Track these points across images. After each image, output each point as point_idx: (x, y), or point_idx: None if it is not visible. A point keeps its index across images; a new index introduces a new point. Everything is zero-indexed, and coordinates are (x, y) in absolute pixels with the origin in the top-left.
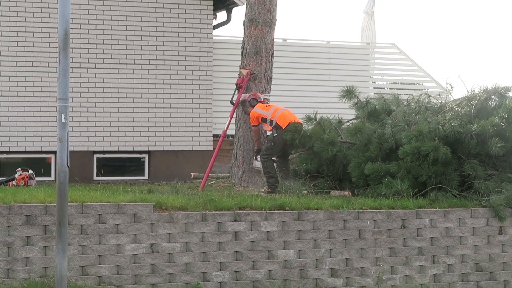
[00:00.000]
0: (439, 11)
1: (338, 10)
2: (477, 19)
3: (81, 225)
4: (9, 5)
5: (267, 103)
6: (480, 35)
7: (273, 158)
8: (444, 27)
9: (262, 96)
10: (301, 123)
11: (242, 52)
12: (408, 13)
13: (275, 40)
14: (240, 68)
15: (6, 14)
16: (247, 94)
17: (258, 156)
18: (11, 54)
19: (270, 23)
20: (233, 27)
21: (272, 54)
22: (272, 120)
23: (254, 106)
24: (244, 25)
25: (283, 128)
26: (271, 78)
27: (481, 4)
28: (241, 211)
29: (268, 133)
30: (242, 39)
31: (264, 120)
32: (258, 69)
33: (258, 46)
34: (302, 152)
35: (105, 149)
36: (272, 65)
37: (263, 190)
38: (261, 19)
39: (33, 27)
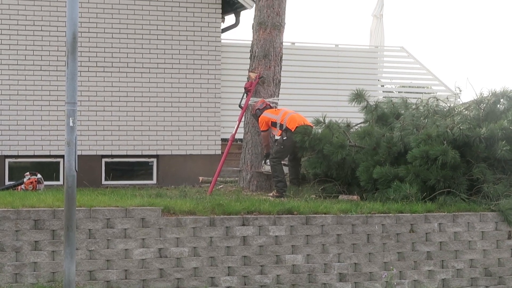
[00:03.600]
0: (448, 14)
1: (346, 13)
2: (486, 22)
3: (89, 229)
4: (18, 8)
5: (276, 107)
6: (488, 38)
7: (283, 162)
8: (452, 30)
9: (271, 100)
10: (311, 126)
11: (250, 55)
12: (417, 16)
13: (283, 43)
14: (248, 72)
15: (15, 18)
16: (256, 100)
17: (268, 160)
18: (19, 57)
19: (279, 27)
20: (241, 31)
21: (281, 57)
22: (282, 124)
23: (263, 111)
24: (253, 28)
25: (293, 130)
26: (279, 81)
27: (489, 6)
28: (249, 216)
29: (278, 137)
30: (250, 42)
31: (273, 124)
32: (267, 73)
33: (267, 50)
34: (311, 156)
35: (114, 153)
36: (280, 68)
37: (271, 194)
38: (270, 22)
39: (41, 30)
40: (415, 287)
